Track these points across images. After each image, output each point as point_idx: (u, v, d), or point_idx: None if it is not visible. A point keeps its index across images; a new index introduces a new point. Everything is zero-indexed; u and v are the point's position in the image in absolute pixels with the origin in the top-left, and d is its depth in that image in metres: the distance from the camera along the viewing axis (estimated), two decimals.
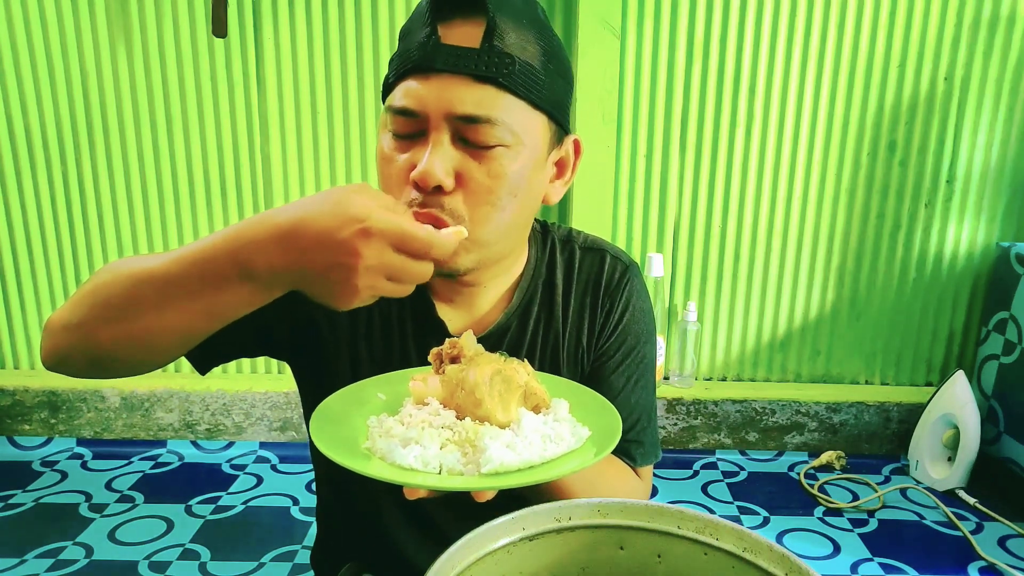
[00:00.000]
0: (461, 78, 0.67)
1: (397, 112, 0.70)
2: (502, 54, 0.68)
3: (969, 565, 1.53)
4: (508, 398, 0.64)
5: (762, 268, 2.00)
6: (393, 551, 0.89)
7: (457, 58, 0.67)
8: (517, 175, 0.71)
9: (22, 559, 1.49)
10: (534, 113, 0.71)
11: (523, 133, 0.70)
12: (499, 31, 0.67)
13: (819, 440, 2.00)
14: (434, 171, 0.67)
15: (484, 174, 0.69)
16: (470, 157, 0.69)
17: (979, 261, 1.97)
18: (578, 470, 0.58)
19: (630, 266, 0.88)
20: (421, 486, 0.56)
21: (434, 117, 0.68)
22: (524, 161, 0.71)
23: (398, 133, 0.71)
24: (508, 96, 0.68)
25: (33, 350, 2.03)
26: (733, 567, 0.51)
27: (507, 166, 0.70)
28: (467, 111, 0.67)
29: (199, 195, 1.93)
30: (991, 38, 1.84)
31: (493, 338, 0.83)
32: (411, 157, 0.70)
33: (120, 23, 1.81)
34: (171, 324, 0.62)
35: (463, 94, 0.67)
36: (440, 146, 0.68)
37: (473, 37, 0.68)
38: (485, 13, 0.67)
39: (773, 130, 1.90)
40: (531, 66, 0.69)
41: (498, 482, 0.56)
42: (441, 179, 0.67)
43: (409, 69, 0.69)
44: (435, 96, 0.67)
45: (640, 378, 0.87)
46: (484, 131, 0.68)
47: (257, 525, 1.64)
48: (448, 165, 0.68)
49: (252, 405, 1.97)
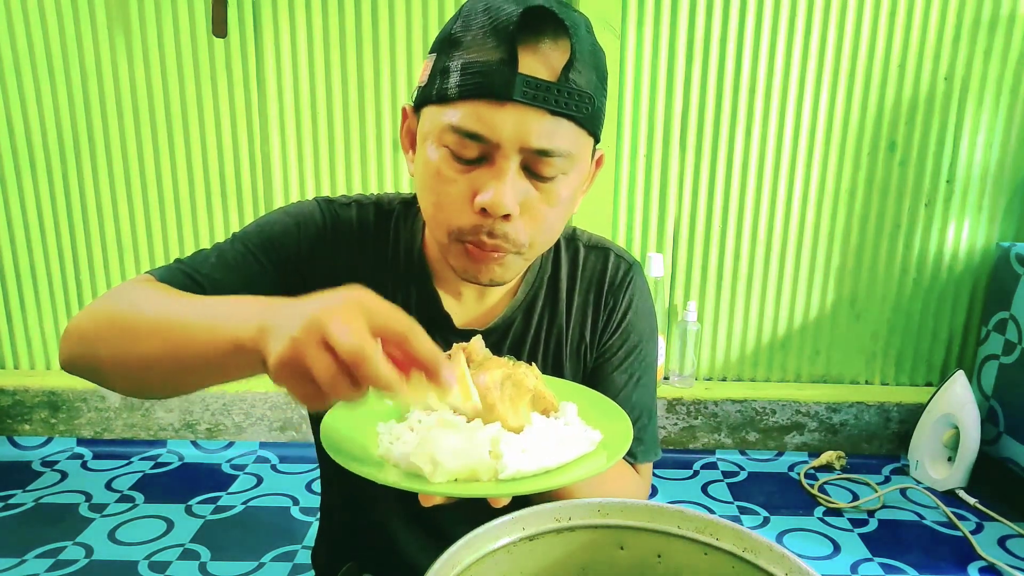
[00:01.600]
0: (538, 111, 0.66)
1: (464, 134, 0.67)
2: (580, 92, 0.67)
3: (969, 565, 1.53)
4: (518, 402, 0.64)
5: (762, 268, 2.00)
6: (393, 551, 0.89)
7: (536, 90, 0.65)
8: (570, 200, 0.73)
9: (22, 559, 1.49)
10: (588, 139, 0.72)
11: (578, 159, 0.71)
12: (577, 64, 0.66)
13: (819, 440, 2.00)
14: (506, 202, 0.67)
15: (543, 202, 0.70)
16: (532, 186, 0.70)
17: (979, 261, 1.97)
18: (594, 474, 0.58)
19: (633, 265, 0.88)
20: (438, 493, 0.56)
21: (506, 147, 0.67)
22: (575, 184, 0.73)
23: (459, 155, 0.68)
24: (575, 128, 0.69)
25: (33, 350, 2.03)
26: (733, 567, 0.51)
27: (563, 193, 0.71)
28: (542, 146, 0.67)
29: (199, 195, 1.93)
30: (991, 38, 1.84)
31: (498, 332, 0.83)
32: (473, 181, 0.69)
33: (120, 23, 1.81)
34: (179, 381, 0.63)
35: (539, 127, 0.66)
36: (510, 175, 0.67)
37: (551, 67, 0.66)
38: (568, 41, 0.66)
39: (773, 130, 1.90)
40: (593, 97, 0.69)
41: (515, 488, 0.56)
42: (511, 209, 0.68)
43: (482, 92, 0.66)
44: (511, 127, 0.66)
45: (642, 376, 0.87)
46: (551, 164, 0.68)
47: (257, 525, 1.64)
48: (517, 195, 0.68)
49: (252, 405, 1.97)
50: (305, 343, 0.49)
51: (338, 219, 0.83)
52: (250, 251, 0.78)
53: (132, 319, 0.64)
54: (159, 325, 0.62)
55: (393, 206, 0.85)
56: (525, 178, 0.69)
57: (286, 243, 0.80)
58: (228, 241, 0.80)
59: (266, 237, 0.79)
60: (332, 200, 0.84)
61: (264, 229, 0.80)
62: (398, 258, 0.83)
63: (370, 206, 0.84)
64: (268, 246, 0.79)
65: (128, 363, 0.63)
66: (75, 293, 1.99)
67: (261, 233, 0.80)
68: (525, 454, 0.59)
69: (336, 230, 0.82)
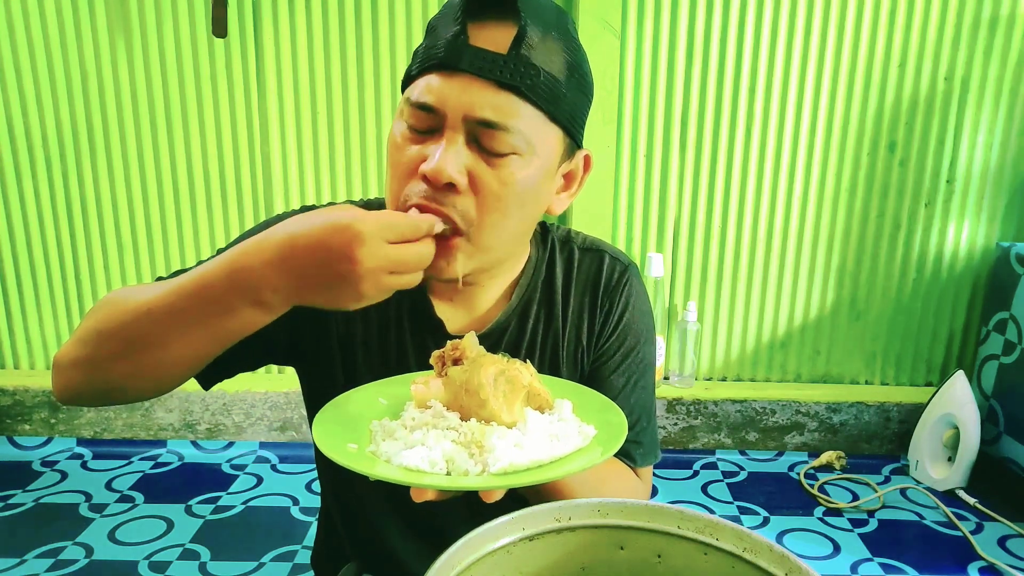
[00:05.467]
0: (484, 82, 0.67)
1: (416, 106, 0.69)
2: (528, 64, 0.68)
3: (969, 565, 1.53)
4: (512, 398, 0.64)
5: (762, 268, 2.00)
6: (393, 551, 0.89)
7: (483, 61, 0.67)
8: (526, 184, 0.71)
9: (22, 559, 1.49)
10: (550, 125, 0.71)
11: (537, 143, 0.71)
12: (528, 40, 0.67)
13: (819, 440, 2.00)
14: (446, 168, 0.67)
15: (494, 179, 0.70)
16: (482, 161, 0.69)
17: (979, 261, 1.97)
18: (587, 467, 0.58)
19: (629, 266, 0.88)
20: (429, 486, 0.56)
21: (452, 116, 0.68)
22: (534, 171, 0.72)
23: (414, 127, 0.71)
24: (527, 106, 0.69)
25: (33, 350, 2.03)
26: (733, 567, 0.51)
27: (517, 174, 0.70)
28: (486, 116, 0.67)
29: (199, 195, 1.93)
30: (991, 38, 1.84)
31: (492, 336, 0.83)
32: (422, 150, 0.70)
33: (120, 23, 1.81)
34: (179, 353, 0.65)
35: (484, 98, 0.67)
36: (454, 145, 0.68)
37: (502, 42, 0.68)
38: (517, 19, 0.67)
39: (773, 130, 1.91)
40: (554, 78, 0.69)
41: (508, 481, 0.56)
42: (453, 176, 0.68)
43: (433, 65, 0.69)
44: (456, 96, 0.67)
45: (640, 378, 0.87)
46: (499, 137, 0.68)
47: (257, 525, 1.64)
48: (460, 164, 0.68)
49: (252, 405, 1.97)
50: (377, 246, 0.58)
51: None
52: None
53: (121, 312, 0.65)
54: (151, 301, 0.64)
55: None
56: (475, 152, 0.69)
57: None
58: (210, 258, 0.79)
59: None
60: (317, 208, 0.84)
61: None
62: None
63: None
64: None
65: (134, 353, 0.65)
66: (75, 293, 1.99)
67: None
68: (518, 448, 0.59)
69: None
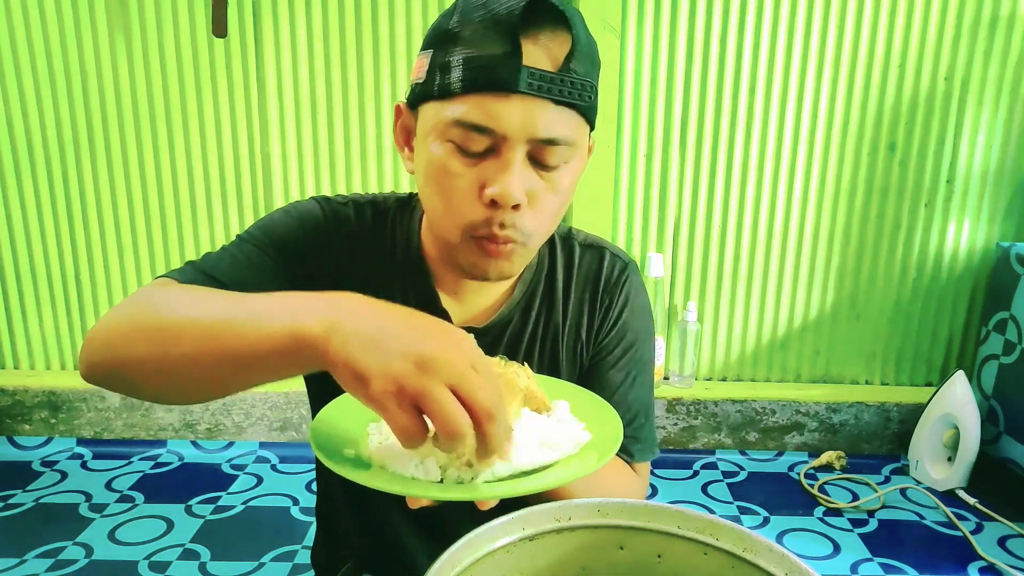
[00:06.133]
0: (541, 100, 0.66)
1: (472, 128, 0.67)
2: (579, 78, 0.68)
3: (969, 565, 1.53)
4: (510, 402, 0.64)
5: (762, 268, 2.00)
6: (393, 551, 0.89)
7: (541, 81, 0.66)
8: (572, 187, 0.74)
9: (22, 559, 1.49)
10: (586, 127, 0.73)
11: (580, 147, 0.72)
12: (576, 55, 0.67)
13: (819, 440, 2.00)
14: (515, 192, 0.67)
15: (548, 190, 0.71)
16: (536, 175, 0.70)
17: (979, 261, 1.97)
18: (581, 476, 0.58)
19: (629, 264, 0.89)
20: (423, 496, 0.56)
21: (514, 138, 0.67)
22: (576, 172, 0.73)
23: (465, 148, 0.68)
24: (577, 116, 0.69)
25: (33, 350, 2.03)
26: (733, 567, 0.51)
27: (566, 181, 0.72)
28: (548, 135, 0.68)
29: (199, 195, 1.93)
30: (991, 38, 1.84)
31: (495, 330, 0.84)
32: (481, 173, 0.69)
33: (120, 23, 1.81)
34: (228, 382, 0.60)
35: (545, 118, 0.67)
36: (517, 165, 0.68)
37: (554, 58, 0.66)
38: (568, 33, 0.67)
39: (773, 130, 1.90)
40: (593, 85, 0.70)
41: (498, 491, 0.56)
42: (520, 199, 0.68)
43: (485, 85, 0.66)
44: (517, 118, 0.66)
45: (638, 375, 0.88)
46: (556, 152, 0.69)
47: (257, 525, 1.64)
48: (525, 185, 0.69)
49: (252, 405, 1.97)
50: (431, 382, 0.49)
51: (338, 216, 0.83)
52: (260, 250, 0.78)
53: (165, 320, 0.61)
54: (198, 323, 0.59)
55: (389, 205, 0.86)
56: (531, 168, 0.70)
57: (292, 241, 0.80)
58: (235, 243, 0.79)
59: (272, 235, 0.80)
60: (330, 199, 0.84)
61: (268, 228, 0.80)
62: (396, 257, 0.84)
63: (367, 205, 0.85)
64: (276, 245, 0.79)
65: (165, 366, 0.60)
66: (75, 293, 1.99)
67: (267, 233, 0.80)
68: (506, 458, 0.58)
69: (337, 226, 0.82)
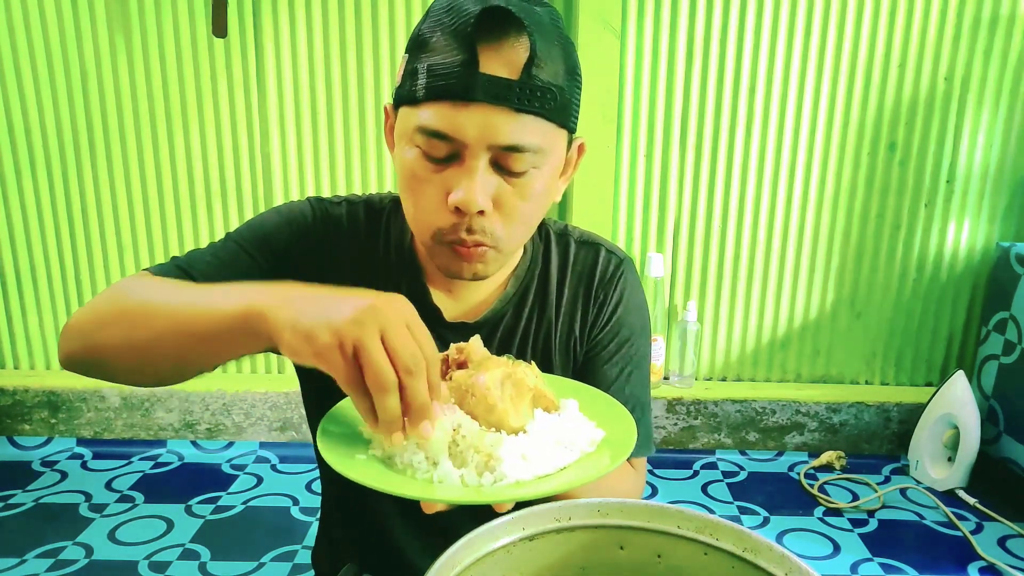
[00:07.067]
0: (501, 108, 0.66)
1: (433, 135, 0.68)
2: (542, 87, 0.67)
3: (969, 565, 1.53)
4: (519, 401, 0.63)
5: (762, 268, 2.00)
6: (393, 551, 0.89)
7: (498, 88, 0.66)
8: (542, 191, 0.74)
9: (22, 559, 1.49)
10: (558, 131, 0.72)
11: (549, 151, 0.72)
12: (538, 60, 0.67)
13: (819, 440, 2.00)
14: (477, 199, 0.68)
15: (516, 196, 0.71)
16: (503, 181, 0.71)
17: (979, 261, 1.97)
18: (602, 474, 0.58)
19: (624, 260, 0.89)
20: (440, 500, 0.56)
21: (474, 146, 0.68)
22: (547, 176, 0.73)
23: (430, 155, 0.70)
24: (542, 121, 0.69)
25: (33, 350, 2.03)
26: (733, 567, 0.51)
27: (536, 186, 0.72)
28: (509, 142, 0.68)
29: (199, 195, 1.93)
30: (991, 38, 1.84)
31: (488, 325, 0.84)
32: (445, 180, 0.70)
33: (120, 23, 1.81)
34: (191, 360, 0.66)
35: (504, 125, 0.67)
36: (479, 173, 0.69)
37: (513, 64, 0.66)
38: (527, 39, 0.66)
39: (773, 130, 1.90)
40: (561, 89, 0.69)
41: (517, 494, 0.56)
42: (483, 206, 0.69)
43: (444, 93, 0.67)
44: (476, 126, 0.67)
45: (634, 370, 0.88)
46: (520, 158, 0.69)
47: (257, 525, 1.64)
48: (488, 192, 0.70)
49: (252, 405, 1.97)
50: (366, 330, 0.53)
51: (329, 216, 0.84)
52: (244, 249, 0.80)
53: (135, 305, 0.67)
54: (163, 307, 0.65)
55: (384, 204, 0.87)
56: (496, 174, 0.70)
57: (278, 240, 0.81)
58: (222, 240, 0.81)
59: (259, 235, 0.81)
60: (323, 199, 0.86)
61: (256, 228, 0.82)
62: (388, 254, 0.84)
63: (360, 204, 0.86)
64: (261, 244, 0.80)
65: (133, 346, 0.66)
66: (75, 293, 1.99)
67: (253, 232, 0.81)
68: (525, 460, 0.58)
69: (327, 227, 0.83)
